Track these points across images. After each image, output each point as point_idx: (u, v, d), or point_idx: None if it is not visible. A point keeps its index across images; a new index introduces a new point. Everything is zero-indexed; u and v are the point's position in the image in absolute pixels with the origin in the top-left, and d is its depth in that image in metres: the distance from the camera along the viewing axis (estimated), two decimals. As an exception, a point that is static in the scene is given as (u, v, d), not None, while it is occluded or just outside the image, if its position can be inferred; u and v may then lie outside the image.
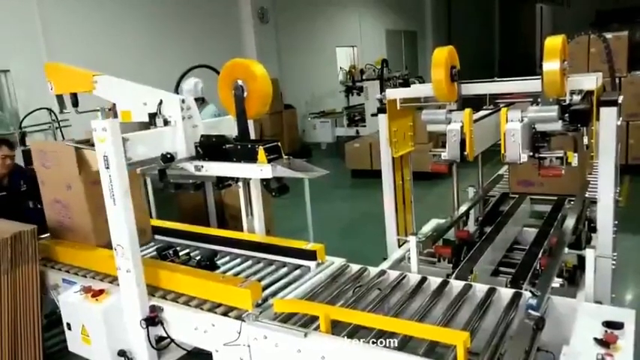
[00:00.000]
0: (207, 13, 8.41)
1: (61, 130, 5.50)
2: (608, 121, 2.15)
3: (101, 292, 2.16)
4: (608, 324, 1.56)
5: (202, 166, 2.01)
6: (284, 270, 2.27)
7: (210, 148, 2.00)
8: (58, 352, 2.75)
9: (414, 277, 2.09)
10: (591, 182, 3.19)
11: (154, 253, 2.51)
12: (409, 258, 2.36)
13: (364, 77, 9.75)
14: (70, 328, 2.22)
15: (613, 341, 1.49)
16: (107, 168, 1.85)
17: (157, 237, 2.82)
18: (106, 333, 2.07)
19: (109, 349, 2.07)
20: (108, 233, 1.99)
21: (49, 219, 2.68)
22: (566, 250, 2.32)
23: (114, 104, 2.19)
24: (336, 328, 1.69)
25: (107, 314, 2.07)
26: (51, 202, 2.60)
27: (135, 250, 1.94)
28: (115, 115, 2.15)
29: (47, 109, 5.50)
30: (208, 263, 2.31)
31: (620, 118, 2.31)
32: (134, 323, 2.00)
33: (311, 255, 2.24)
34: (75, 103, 2.42)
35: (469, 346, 1.44)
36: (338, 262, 2.27)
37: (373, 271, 2.19)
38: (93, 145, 1.90)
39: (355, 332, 1.65)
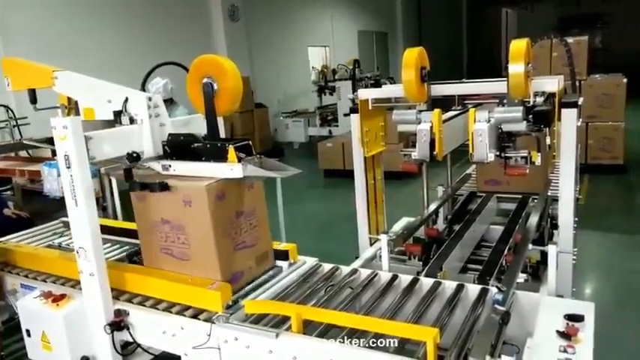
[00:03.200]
0: (175, 12, 8.22)
1: (18, 129, 5.26)
2: (568, 122, 2.24)
3: (62, 296, 2.07)
4: (570, 317, 1.61)
5: (170, 166, 1.95)
6: (255, 270, 2.24)
7: (179, 147, 1.94)
8: (16, 361, 2.64)
9: (385, 276, 2.10)
10: (553, 181, 3.32)
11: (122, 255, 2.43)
12: (380, 256, 2.39)
13: (336, 77, 9.80)
14: (29, 335, 2.12)
15: (574, 333, 1.54)
16: (68, 167, 1.77)
17: (123, 239, 2.72)
18: (68, 339, 1.98)
19: (71, 356, 1.99)
20: (234, 264, 1.81)
21: (145, 244, 2.07)
22: (530, 246, 2.40)
23: (75, 101, 2.10)
24: (308, 327, 1.68)
25: (69, 319, 1.99)
26: (154, 224, 1.94)
27: (98, 252, 1.87)
28: (77, 113, 2.06)
29: (4, 106, 5.25)
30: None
31: (580, 120, 2.41)
32: (98, 328, 1.92)
33: (283, 255, 2.22)
34: (33, 100, 2.30)
35: (438, 342, 1.46)
36: (310, 261, 2.26)
37: (345, 269, 2.19)
38: (53, 144, 1.81)
39: (327, 331, 1.65)
